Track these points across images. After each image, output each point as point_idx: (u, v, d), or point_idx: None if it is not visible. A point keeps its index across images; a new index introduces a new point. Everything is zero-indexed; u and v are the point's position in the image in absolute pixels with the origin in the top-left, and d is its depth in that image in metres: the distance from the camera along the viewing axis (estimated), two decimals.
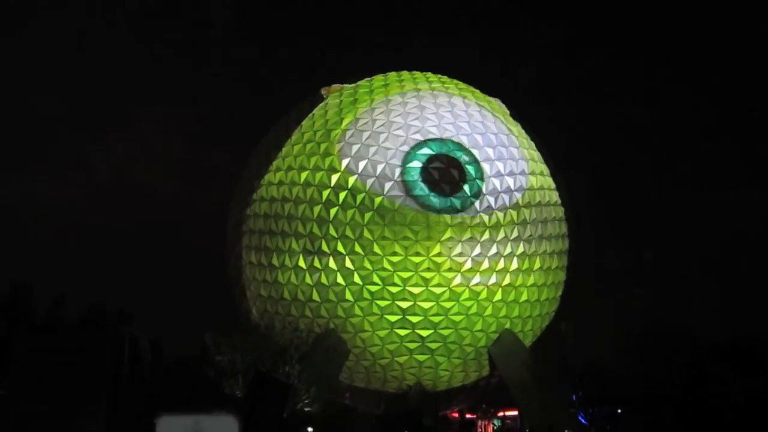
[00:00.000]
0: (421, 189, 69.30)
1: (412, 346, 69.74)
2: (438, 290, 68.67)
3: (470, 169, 70.33)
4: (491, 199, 70.13)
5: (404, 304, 68.66)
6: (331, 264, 68.88)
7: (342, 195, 69.26)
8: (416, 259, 68.38)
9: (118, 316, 53.04)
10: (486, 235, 69.42)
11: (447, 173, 70.07)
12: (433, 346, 69.92)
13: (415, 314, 68.87)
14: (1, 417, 40.02)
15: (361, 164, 69.86)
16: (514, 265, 70.54)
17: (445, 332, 69.62)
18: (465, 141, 71.73)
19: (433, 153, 70.37)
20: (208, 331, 61.46)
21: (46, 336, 42.79)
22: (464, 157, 70.70)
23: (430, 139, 71.01)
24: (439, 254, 68.56)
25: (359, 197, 68.99)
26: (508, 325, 71.37)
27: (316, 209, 69.42)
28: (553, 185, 75.82)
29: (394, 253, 68.33)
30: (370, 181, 69.37)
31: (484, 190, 69.93)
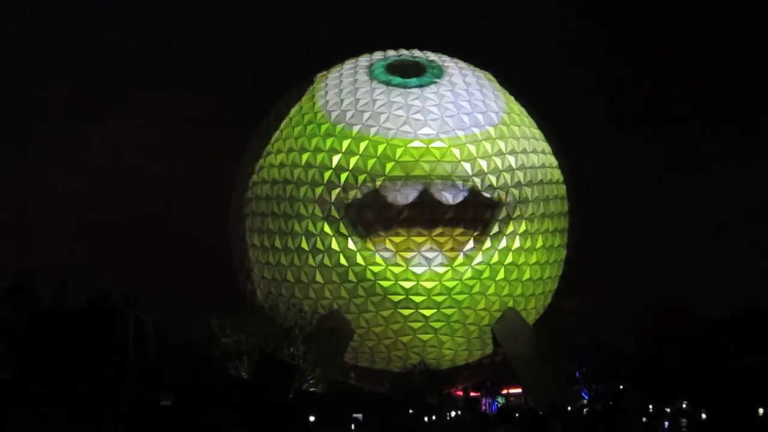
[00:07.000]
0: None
1: (415, 325, 69.90)
2: (441, 269, 68.86)
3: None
4: (492, 178, 69.97)
5: (407, 284, 68.88)
6: (334, 245, 69.01)
7: (344, 176, 69.18)
8: (419, 239, 68.55)
9: (123, 300, 53.15)
10: (488, 214, 69.42)
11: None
12: (437, 325, 70.09)
13: (418, 294, 69.04)
14: (9, 401, 40.18)
15: None
16: (517, 243, 70.60)
17: (449, 311, 69.71)
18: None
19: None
20: (214, 314, 61.53)
21: (52, 318, 42.88)
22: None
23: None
24: (441, 234, 68.64)
25: (361, 178, 68.93)
26: (511, 304, 71.47)
27: (318, 190, 69.46)
28: (555, 163, 75.61)
29: (397, 234, 68.46)
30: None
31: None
